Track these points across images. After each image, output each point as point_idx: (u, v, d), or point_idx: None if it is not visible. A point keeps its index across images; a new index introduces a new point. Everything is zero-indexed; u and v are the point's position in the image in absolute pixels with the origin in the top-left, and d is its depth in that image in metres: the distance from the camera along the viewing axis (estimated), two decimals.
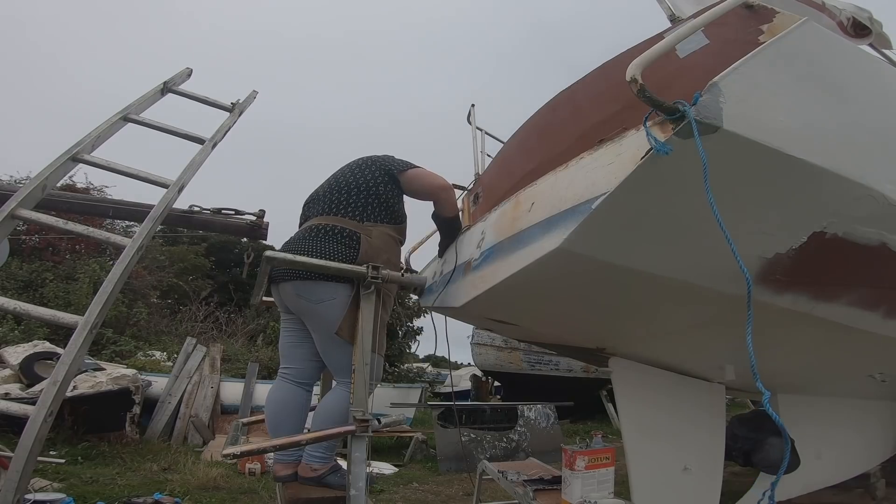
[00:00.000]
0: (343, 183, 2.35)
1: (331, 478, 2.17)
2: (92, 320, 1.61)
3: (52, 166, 1.96)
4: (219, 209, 3.23)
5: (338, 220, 2.23)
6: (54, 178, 1.98)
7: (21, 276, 9.02)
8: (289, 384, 2.35)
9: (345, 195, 2.30)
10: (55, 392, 1.51)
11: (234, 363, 9.02)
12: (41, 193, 1.93)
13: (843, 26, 2.05)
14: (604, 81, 2.03)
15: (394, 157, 2.48)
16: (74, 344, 1.58)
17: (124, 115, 2.27)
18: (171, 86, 2.54)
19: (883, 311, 2.21)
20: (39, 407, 1.47)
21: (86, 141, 2.09)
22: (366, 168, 2.38)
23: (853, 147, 1.69)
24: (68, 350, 1.58)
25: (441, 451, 5.56)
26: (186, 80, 2.68)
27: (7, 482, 1.42)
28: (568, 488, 2.17)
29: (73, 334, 1.59)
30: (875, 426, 3.30)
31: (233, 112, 2.66)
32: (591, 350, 2.61)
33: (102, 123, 2.21)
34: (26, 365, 5.36)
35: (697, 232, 1.67)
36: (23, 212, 1.84)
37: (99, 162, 2.10)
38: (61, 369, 1.54)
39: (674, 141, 1.34)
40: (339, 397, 2.16)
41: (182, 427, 6.33)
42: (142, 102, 2.39)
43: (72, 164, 2.05)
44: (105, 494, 3.73)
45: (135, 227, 12.13)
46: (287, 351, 2.42)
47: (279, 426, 2.27)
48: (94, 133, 2.14)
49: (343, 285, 2.11)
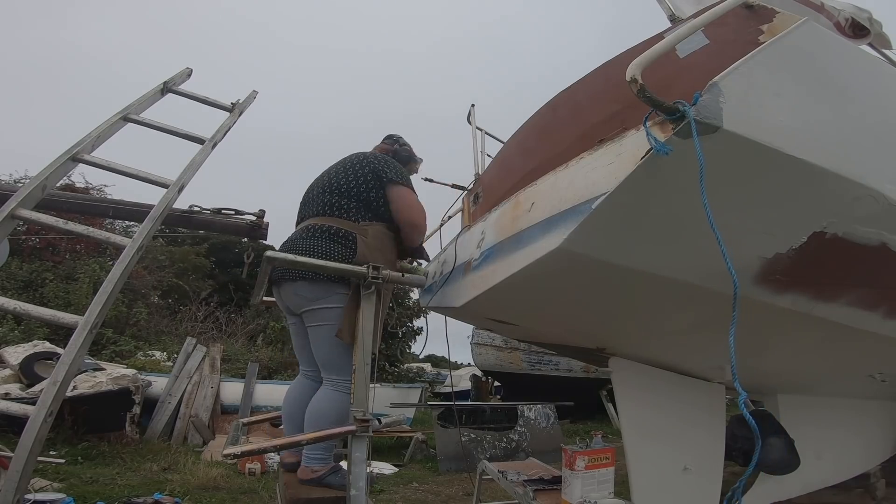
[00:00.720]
0: (335, 184, 2.38)
1: (331, 478, 2.17)
2: (92, 320, 1.61)
3: (51, 166, 1.95)
4: (219, 209, 3.23)
5: (333, 221, 2.28)
6: (54, 178, 1.98)
7: (21, 276, 9.02)
8: (308, 381, 2.44)
9: (336, 197, 2.33)
10: (55, 392, 1.51)
11: (234, 363, 9.02)
12: (41, 193, 1.93)
13: (840, 27, 2.05)
14: (604, 81, 2.03)
15: (389, 164, 2.42)
16: (74, 344, 1.58)
17: (124, 115, 2.26)
18: (171, 86, 2.54)
19: (883, 311, 2.21)
20: (39, 407, 1.47)
21: (86, 141, 2.08)
22: (358, 168, 2.40)
23: (853, 147, 1.69)
24: (68, 350, 1.58)
25: (441, 451, 5.56)
26: (186, 80, 2.68)
27: (7, 482, 1.42)
28: (568, 488, 2.17)
29: (73, 334, 1.59)
30: (875, 426, 3.30)
31: (233, 112, 2.66)
32: (591, 350, 2.60)
33: (102, 123, 2.20)
34: (26, 365, 5.37)
35: (697, 232, 1.67)
36: (23, 212, 1.83)
37: (99, 162, 2.09)
38: (61, 369, 1.54)
39: (674, 141, 1.34)
40: (328, 398, 2.18)
41: (182, 427, 6.33)
42: (142, 102, 2.38)
43: (72, 164, 2.05)
44: (105, 494, 3.74)
45: (135, 227, 12.12)
46: (300, 354, 2.48)
47: (292, 417, 2.37)
48: (94, 133, 2.13)
49: (338, 285, 2.14)
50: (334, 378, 2.19)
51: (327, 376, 2.22)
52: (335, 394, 2.17)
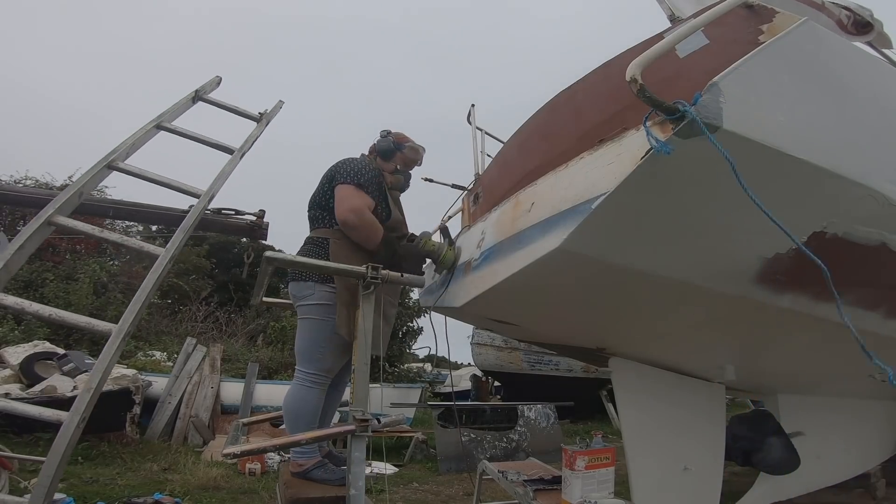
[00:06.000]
0: (313, 198, 2.52)
1: (315, 472, 2.24)
2: (126, 328, 1.65)
3: (88, 174, 2.00)
4: (219, 209, 3.22)
5: (316, 232, 2.46)
6: (90, 186, 2.04)
7: (21, 276, 9.00)
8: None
9: (313, 210, 2.50)
10: (89, 398, 1.54)
11: (234, 363, 9.01)
12: (77, 200, 1.98)
13: (842, 24, 2.05)
14: (604, 81, 2.03)
15: (341, 167, 2.43)
16: (108, 351, 1.61)
17: (158, 123, 2.32)
18: (202, 94, 2.60)
19: (883, 311, 2.21)
20: (73, 413, 1.50)
21: (121, 149, 2.13)
22: (323, 178, 2.50)
23: (853, 147, 1.69)
24: (102, 357, 1.61)
25: (441, 451, 5.55)
26: (216, 89, 2.73)
27: (38, 487, 1.45)
28: (568, 488, 2.17)
29: (107, 342, 1.63)
30: (875, 426, 3.30)
31: (260, 122, 2.72)
32: (591, 350, 2.60)
33: (137, 131, 2.25)
34: (26, 365, 5.36)
35: (697, 232, 1.67)
36: (59, 218, 1.87)
37: (133, 170, 2.14)
38: (95, 376, 1.57)
39: (674, 141, 1.34)
40: (289, 393, 2.33)
41: (182, 427, 6.32)
42: (174, 111, 2.43)
43: (107, 171, 2.08)
44: (105, 494, 3.73)
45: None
46: None
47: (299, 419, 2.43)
48: (129, 141, 2.18)
49: (319, 284, 2.30)
50: (300, 370, 2.32)
51: (297, 368, 2.35)
52: (294, 387, 2.32)
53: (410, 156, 2.70)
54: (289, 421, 2.29)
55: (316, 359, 2.29)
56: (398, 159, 2.67)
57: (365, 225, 2.31)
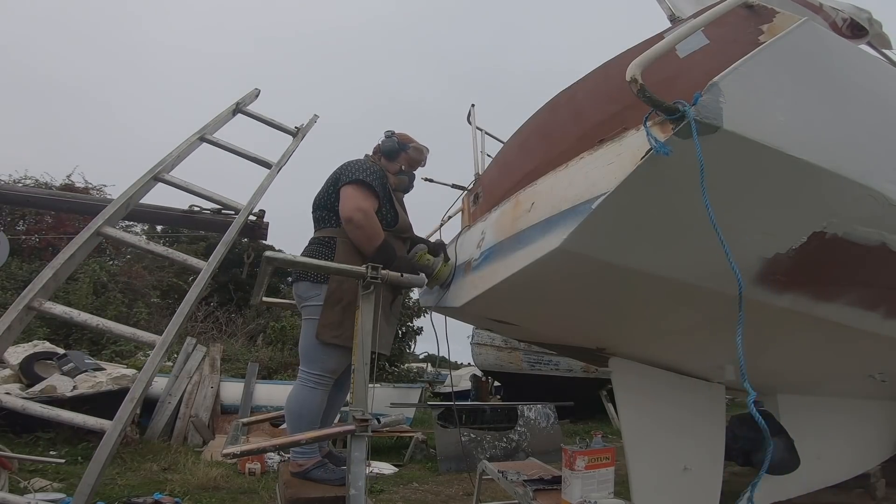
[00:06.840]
0: (317, 199, 2.52)
1: (315, 472, 2.25)
2: (169, 340, 1.71)
3: (135, 185, 2.06)
4: (219, 209, 3.22)
5: (321, 232, 2.46)
6: (137, 197, 2.09)
7: (21, 276, 9.00)
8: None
9: (318, 211, 2.50)
10: (132, 408, 1.57)
11: (234, 363, 9.02)
12: (125, 212, 2.04)
13: (836, 27, 2.05)
14: (604, 81, 2.03)
15: (346, 168, 2.43)
16: (152, 362, 1.68)
17: (201, 135, 2.37)
18: (241, 106, 2.63)
19: (883, 311, 2.21)
20: (116, 423, 1.53)
21: (167, 161, 2.17)
22: (329, 179, 2.50)
23: (853, 147, 1.69)
24: (146, 368, 1.67)
25: (441, 451, 5.55)
26: (254, 101, 2.76)
27: (79, 495, 1.47)
28: (568, 488, 2.17)
29: (152, 353, 1.69)
30: (875, 426, 3.30)
31: (296, 136, 2.76)
32: (591, 350, 2.60)
33: (182, 143, 2.30)
34: (26, 365, 5.37)
35: (697, 232, 1.67)
36: (108, 230, 1.92)
37: (178, 182, 2.19)
38: (139, 386, 1.61)
39: (674, 141, 1.34)
40: (292, 393, 2.33)
41: (182, 427, 6.32)
42: (216, 123, 2.47)
43: (153, 182, 2.13)
44: (105, 494, 3.73)
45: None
46: None
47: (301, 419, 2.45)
48: (175, 153, 2.23)
49: (322, 285, 2.30)
50: (304, 370, 2.33)
51: (300, 368, 2.36)
52: (297, 387, 2.32)
53: (415, 156, 2.69)
54: (291, 421, 2.29)
55: (320, 359, 2.29)
56: (403, 160, 2.67)
57: (369, 225, 2.31)
